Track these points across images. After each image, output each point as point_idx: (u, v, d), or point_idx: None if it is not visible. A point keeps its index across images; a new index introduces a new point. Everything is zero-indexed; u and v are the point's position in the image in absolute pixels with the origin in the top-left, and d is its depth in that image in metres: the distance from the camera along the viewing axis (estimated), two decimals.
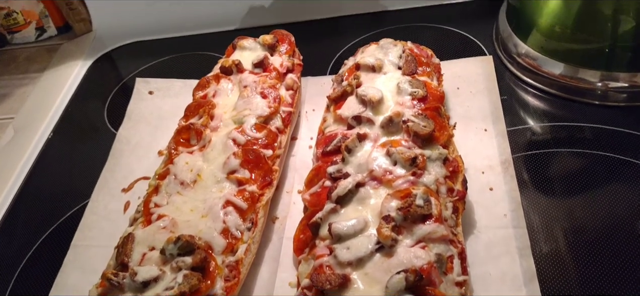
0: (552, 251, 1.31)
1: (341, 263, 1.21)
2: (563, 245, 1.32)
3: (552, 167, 1.52)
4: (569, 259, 1.29)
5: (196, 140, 1.60)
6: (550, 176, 1.49)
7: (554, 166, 1.52)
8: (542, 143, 1.59)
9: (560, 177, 1.48)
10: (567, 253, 1.30)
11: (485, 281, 1.25)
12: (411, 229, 1.23)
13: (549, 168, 1.51)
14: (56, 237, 1.65)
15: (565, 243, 1.32)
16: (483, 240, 1.34)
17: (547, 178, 1.48)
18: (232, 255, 1.34)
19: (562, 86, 1.70)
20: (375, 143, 1.45)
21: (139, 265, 1.31)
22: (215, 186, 1.47)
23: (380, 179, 1.35)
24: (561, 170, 1.51)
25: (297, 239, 1.40)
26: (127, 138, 1.87)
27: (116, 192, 1.70)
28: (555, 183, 1.47)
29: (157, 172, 1.57)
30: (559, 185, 1.46)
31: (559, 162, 1.53)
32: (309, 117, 1.82)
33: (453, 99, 1.72)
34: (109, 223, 1.61)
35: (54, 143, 2.03)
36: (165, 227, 1.38)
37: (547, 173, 1.50)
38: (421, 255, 1.17)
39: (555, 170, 1.51)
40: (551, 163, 1.53)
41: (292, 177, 1.64)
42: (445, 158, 1.40)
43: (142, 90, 2.04)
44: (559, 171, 1.50)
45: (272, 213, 1.55)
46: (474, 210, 1.40)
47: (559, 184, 1.47)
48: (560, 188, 1.46)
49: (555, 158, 1.54)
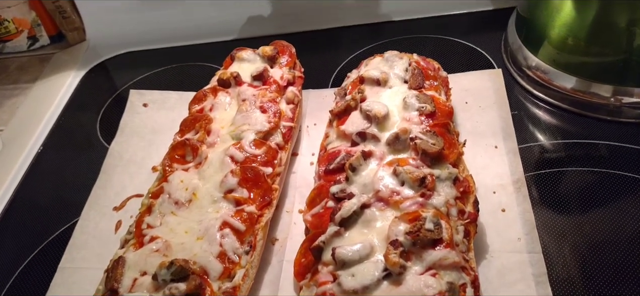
0: (570, 277, 1.23)
1: (346, 291, 1.13)
2: (581, 271, 1.24)
3: (566, 186, 1.44)
4: (589, 286, 1.21)
5: (192, 157, 1.52)
6: (564, 196, 1.41)
7: (568, 186, 1.44)
8: (555, 161, 1.51)
9: (575, 197, 1.41)
10: (586, 279, 1.22)
11: None
12: (420, 255, 1.15)
13: (563, 188, 1.44)
14: (43, 258, 1.56)
15: (584, 269, 1.24)
16: (496, 265, 1.26)
17: (561, 198, 1.41)
18: (229, 280, 1.26)
19: (574, 101, 1.63)
20: (381, 162, 1.37)
21: (129, 291, 1.23)
22: (212, 206, 1.39)
23: (387, 200, 1.27)
24: (576, 189, 1.43)
25: (298, 263, 1.32)
26: (120, 153, 1.79)
27: (107, 210, 1.62)
28: (571, 204, 1.39)
29: (151, 190, 1.49)
30: (575, 205, 1.39)
31: (573, 181, 1.45)
32: (310, 131, 1.75)
33: (461, 114, 1.65)
34: (99, 243, 1.52)
35: (44, 157, 1.95)
36: (158, 250, 1.30)
37: (561, 193, 1.42)
38: (432, 283, 1.09)
39: (569, 190, 1.43)
40: (565, 182, 1.45)
41: (293, 196, 1.56)
42: (455, 178, 1.32)
43: (136, 103, 1.96)
44: (574, 191, 1.43)
45: (272, 235, 1.47)
46: (485, 233, 1.33)
47: (574, 205, 1.39)
48: (575, 209, 1.38)
49: (569, 177, 1.46)
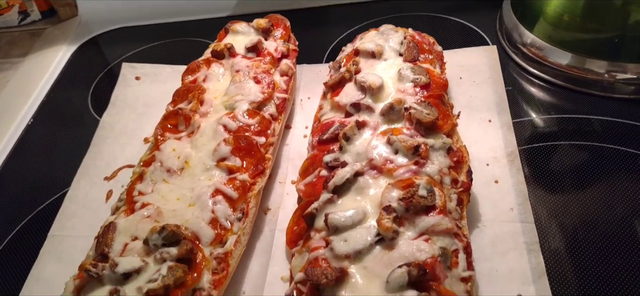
0: (562, 246, 1.23)
1: (338, 256, 1.12)
2: (572, 240, 1.24)
3: (558, 159, 1.44)
4: (580, 255, 1.21)
5: (184, 126, 1.51)
6: (557, 169, 1.42)
7: (560, 159, 1.44)
8: (548, 135, 1.52)
9: (568, 169, 1.41)
10: (578, 248, 1.23)
11: (492, 278, 1.18)
12: (413, 221, 1.15)
13: (556, 161, 1.44)
14: (33, 227, 1.55)
15: (575, 238, 1.25)
16: (489, 234, 1.26)
17: (554, 171, 1.41)
18: (220, 246, 1.25)
19: (569, 77, 1.63)
20: (375, 131, 1.36)
21: (120, 255, 1.22)
22: (204, 174, 1.38)
23: (381, 168, 1.27)
24: (568, 162, 1.43)
25: (290, 231, 1.32)
26: (111, 125, 1.78)
27: (98, 180, 1.60)
28: (563, 177, 1.40)
29: (142, 158, 1.48)
30: (567, 178, 1.39)
31: (565, 154, 1.46)
32: (304, 105, 1.74)
33: (456, 89, 1.65)
34: (89, 212, 1.51)
35: (34, 129, 1.93)
36: (150, 216, 1.29)
37: (554, 166, 1.42)
38: (425, 248, 1.09)
39: (562, 163, 1.43)
40: (558, 155, 1.45)
41: (286, 167, 1.55)
42: (449, 148, 1.32)
43: (129, 76, 1.94)
44: (566, 164, 1.43)
45: (264, 204, 1.46)
46: (479, 203, 1.33)
47: (566, 177, 1.39)
48: (567, 181, 1.38)
49: (562, 151, 1.46)
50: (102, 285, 1.16)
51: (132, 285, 1.15)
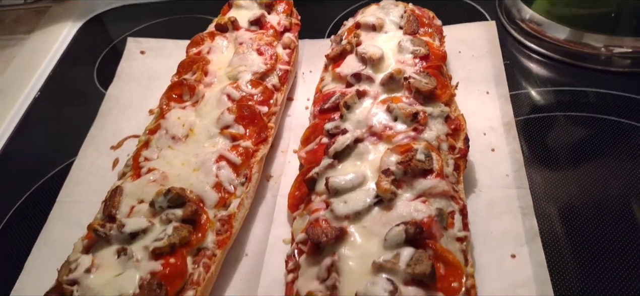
0: (555, 211, 1.27)
1: (338, 216, 1.16)
2: (566, 206, 1.28)
3: (555, 129, 1.48)
4: (572, 219, 1.25)
5: (189, 96, 1.55)
6: (553, 138, 1.45)
7: (557, 129, 1.48)
8: (545, 106, 1.55)
9: (563, 139, 1.45)
10: (570, 213, 1.27)
11: (486, 239, 1.21)
12: (411, 183, 1.19)
13: (552, 131, 1.47)
14: (41, 194, 1.59)
15: (569, 204, 1.29)
16: (484, 199, 1.30)
17: (550, 140, 1.45)
18: (224, 209, 1.29)
19: (566, 51, 1.66)
20: (375, 100, 1.40)
21: (126, 217, 1.26)
22: (208, 141, 1.41)
23: (380, 135, 1.30)
24: (564, 132, 1.47)
25: (292, 196, 1.35)
26: (117, 97, 1.81)
27: (104, 149, 1.64)
28: (558, 146, 1.43)
29: (148, 127, 1.52)
30: (562, 147, 1.43)
31: (562, 125, 1.49)
32: (306, 78, 1.77)
33: (454, 62, 1.68)
34: (96, 179, 1.55)
35: (41, 102, 1.97)
36: (155, 180, 1.33)
37: (550, 136, 1.46)
38: (422, 208, 1.13)
39: (558, 133, 1.47)
40: (554, 126, 1.49)
41: (288, 137, 1.59)
42: (446, 116, 1.35)
43: (134, 50, 1.98)
44: (562, 134, 1.47)
45: (267, 172, 1.50)
46: (475, 170, 1.36)
47: (562, 146, 1.43)
48: (563, 150, 1.42)
49: (559, 122, 1.50)
50: (110, 245, 1.20)
51: (138, 244, 1.19)
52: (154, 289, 1.09)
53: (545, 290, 1.09)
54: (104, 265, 1.17)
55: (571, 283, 1.14)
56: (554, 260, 1.17)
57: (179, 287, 1.14)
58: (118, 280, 1.12)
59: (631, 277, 1.14)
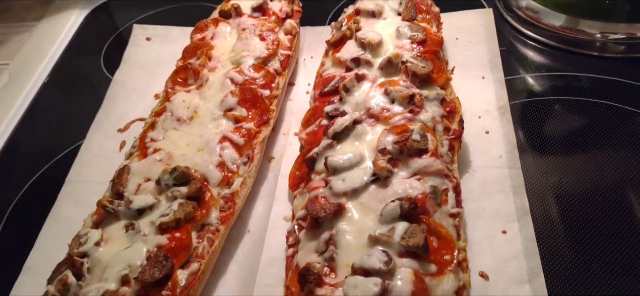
0: (546, 190, 1.32)
1: (336, 193, 1.21)
2: (558, 186, 1.33)
3: (549, 113, 1.52)
4: (564, 198, 1.30)
5: (193, 80, 1.60)
6: (546, 122, 1.50)
7: (550, 113, 1.53)
8: (540, 91, 1.59)
9: (557, 122, 1.50)
10: (562, 192, 1.31)
11: (479, 216, 1.26)
12: (407, 162, 1.24)
13: (546, 115, 1.52)
14: (51, 174, 1.64)
15: (560, 184, 1.33)
16: (478, 178, 1.35)
17: (543, 123, 1.50)
18: (227, 187, 1.34)
19: (562, 38, 1.71)
20: (373, 84, 1.45)
21: (134, 194, 1.31)
22: (212, 123, 1.46)
23: (378, 116, 1.35)
24: (557, 116, 1.52)
25: (292, 176, 1.41)
26: (123, 82, 1.86)
27: (111, 132, 1.69)
28: (552, 129, 1.48)
29: (154, 110, 1.57)
30: (555, 130, 1.48)
31: (556, 109, 1.54)
32: (307, 64, 1.82)
33: (452, 48, 1.72)
34: (103, 160, 1.60)
35: (50, 88, 2.02)
36: (161, 160, 1.38)
37: (543, 119, 1.51)
38: (416, 185, 1.18)
39: (551, 116, 1.52)
40: (548, 110, 1.53)
41: (289, 120, 1.64)
42: (442, 99, 1.40)
43: (140, 37, 2.03)
44: (556, 117, 1.51)
45: (268, 153, 1.55)
46: (469, 151, 1.41)
47: (555, 129, 1.48)
48: (556, 133, 1.47)
49: (553, 106, 1.55)
50: (118, 220, 1.26)
51: (145, 219, 1.24)
52: (161, 260, 1.14)
53: (534, 263, 1.14)
54: (112, 239, 1.22)
55: (559, 258, 1.19)
56: (543, 236, 1.21)
57: (184, 260, 1.19)
58: (126, 252, 1.18)
59: (618, 252, 1.19)
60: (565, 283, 1.14)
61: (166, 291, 1.12)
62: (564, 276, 1.16)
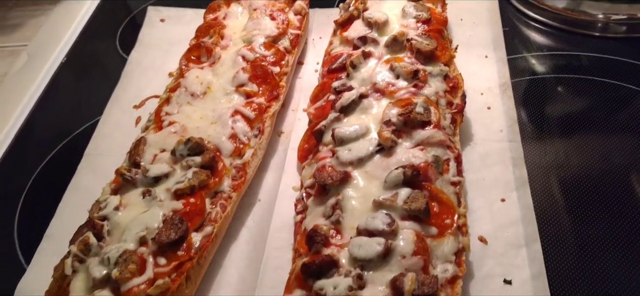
0: (545, 163, 1.38)
1: (343, 162, 1.27)
2: (556, 159, 1.38)
3: (549, 90, 1.58)
4: (561, 170, 1.35)
5: (206, 58, 1.66)
6: (547, 98, 1.55)
7: (551, 89, 1.58)
8: (542, 70, 1.65)
9: (557, 98, 1.55)
10: (560, 164, 1.37)
11: (479, 185, 1.32)
12: (410, 134, 1.29)
13: (547, 91, 1.57)
14: (71, 148, 1.71)
15: (558, 156, 1.39)
16: (479, 151, 1.41)
17: (544, 100, 1.55)
18: (239, 158, 1.41)
19: (565, 19, 1.75)
20: (379, 61, 1.50)
21: (150, 164, 1.38)
22: (225, 97, 1.53)
23: (383, 91, 1.41)
24: (559, 93, 1.57)
25: (301, 148, 1.47)
26: (139, 61, 1.93)
27: (128, 108, 1.76)
28: (552, 105, 1.53)
29: (169, 86, 1.64)
30: (556, 106, 1.53)
31: (556, 86, 1.59)
32: (315, 44, 1.88)
33: (456, 29, 1.77)
34: (120, 134, 1.67)
35: (68, 67, 2.08)
36: (176, 132, 1.44)
37: (544, 96, 1.56)
38: (419, 155, 1.24)
39: (553, 93, 1.57)
40: (549, 87, 1.59)
41: (298, 97, 1.70)
42: (445, 75, 1.45)
43: (154, 18, 2.09)
44: (557, 94, 1.57)
45: (278, 128, 1.61)
46: (471, 126, 1.47)
47: (556, 105, 1.53)
48: (557, 108, 1.52)
49: (554, 83, 1.60)
50: (135, 188, 1.33)
51: (161, 187, 1.31)
52: (176, 223, 1.21)
53: (531, 229, 1.20)
54: (130, 205, 1.29)
55: (556, 226, 1.25)
56: (541, 205, 1.27)
57: (198, 224, 1.26)
58: (144, 216, 1.25)
59: (612, 221, 1.24)
60: (561, 249, 1.20)
61: (181, 252, 1.19)
62: (560, 243, 1.21)
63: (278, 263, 1.25)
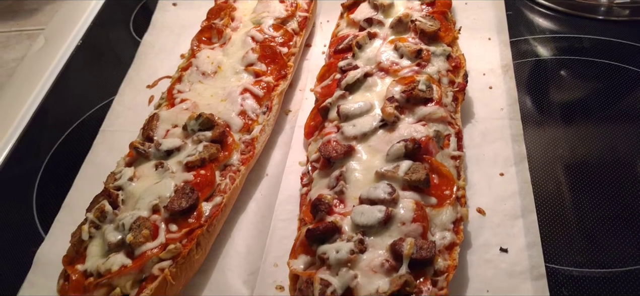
0: (544, 140, 1.42)
1: (347, 137, 1.32)
2: (554, 136, 1.43)
3: (551, 72, 1.62)
4: (560, 147, 1.39)
5: (217, 39, 1.72)
6: (548, 79, 1.60)
7: (553, 71, 1.62)
8: (544, 52, 1.69)
9: (559, 80, 1.59)
10: (559, 141, 1.41)
11: (479, 160, 1.37)
12: (413, 110, 1.34)
13: (549, 73, 1.61)
14: (86, 125, 1.78)
15: (556, 134, 1.43)
16: (480, 128, 1.45)
17: (545, 80, 1.59)
18: (248, 133, 1.46)
19: (568, 3, 1.78)
20: (384, 41, 1.55)
21: (163, 138, 1.43)
22: (234, 76, 1.59)
23: (387, 70, 1.45)
24: (560, 74, 1.61)
25: (307, 125, 1.52)
26: (152, 43, 1.99)
27: (141, 88, 1.82)
28: (553, 85, 1.57)
29: (180, 66, 1.70)
30: (557, 86, 1.57)
31: (558, 67, 1.63)
32: (323, 27, 1.93)
33: (461, 13, 1.81)
34: (134, 113, 1.73)
35: (83, 50, 2.15)
36: (187, 109, 1.50)
37: (546, 77, 1.60)
38: (421, 129, 1.28)
39: (554, 75, 1.61)
40: (551, 69, 1.63)
41: (305, 78, 1.75)
42: (448, 55, 1.50)
43: (167, 2, 2.15)
44: (558, 75, 1.61)
45: (286, 107, 1.66)
46: (473, 104, 1.51)
47: (556, 86, 1.57)
48: (557, 89, 1.57)
49: (556, 65, 1.64)
50: (149, 161, 1.39)
51: (173, 159, 1.37)
52: (187, 192, 1.27)
53: (528, 201, 1.24)
54: (144, 176, 1.35)
55: (551, 198, 1.29)
56: (538, 179, 1.32)
57: (208, 194, 1.32)
58: (156, 186, 1.30)
59: (608, 195, 1.29)
60: (556, 221, 1.25)
61: (192, 219, 1.25)
62: (555, 215, 1.26)
63: (284, 233, 1.31)
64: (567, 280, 1.14)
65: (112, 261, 1.17)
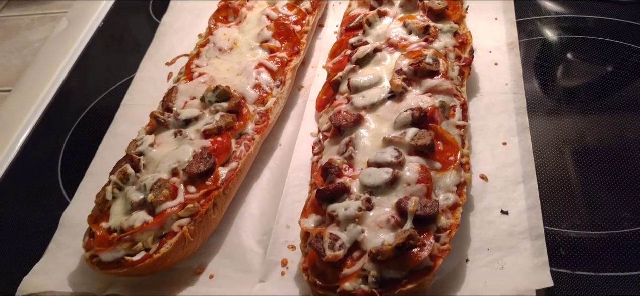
0: (547, 113, 1.48)
1: (357, 107, 1.39)
2: (556, 109, 1.48)
3: (556, 49, 1.66)
4: (562, 120, 1.45)
5: (233, 17, 1.79)
6: (553, 55, 1.65)
7: (558, 48, 1.67)
8: (550, 31, 1.73)
9: (563, 56, 1.64)
10: (560, 114, 1.47)
11: (483, 131, 1.42)
12: (420, 82, 1.40)
13: (553, 51, 1.66)
14: (108, 99, 1.86)
15: (559, 108, 1.49)
16: (485, 102, 1.51)
17: (550, 57, 1.64)
18: (262, 105, 1.53)
19: None
20: (393, 19, 1.61)
21: (182, 109, 1.51)
22: (250, 52, 1.66)
23: (396, 45, 1.52)
24: (565, 51, 1.66)
25: (319, 99, 1.59)
26: (171, 23, 2.07)
27: (160, 65, 1.90)
28: (557, 62, 1.62)
29: (198, 43, 1.77)
30: (562, 64, 1.62)
31: (563, 45, 1.68)
32: (335, 8, 1.99)
33: None
34: (154, 88, 1.80)
35: (104, 30, 2.24)
36: (205, 82, 1.58)
37: (550, 53, 1.65)
38: (427, 100, 1.34)
39: (558, 51, 1.66)
40: (555, 47, 1.67)
41: (318, 55, 1.82)
42: (455, 32, 1.55)
43: None
44: (563, 51, 1.66)
45: (298, 82, 1.73)
46: (479, 80, 1.56)
47: (561, 63, 1.62)
48: (561, 66, 1.61)
49: (560, 43, 1.68)
50: (168, 129, 1.47)
51: (191, 128, 1.45)
52: (205, 157, 1.35)
53: (529, 168, 1.30)
54: (164, 143, 1.43)
55: (552, 165, 1.35)
56: (540, 148, 1.37)
57: (224, 159, 1.39)
58: (175, 152, 1.38)
59: (606, 164, 1.34)
60: (555, 187, 1.30)
61: (209, 182, 1.33)
62: (556, 182, 1.31)
63: (296, 198, 1.38)
64: (564, 240, 1.19)
65: (134, 218, 1.25)
